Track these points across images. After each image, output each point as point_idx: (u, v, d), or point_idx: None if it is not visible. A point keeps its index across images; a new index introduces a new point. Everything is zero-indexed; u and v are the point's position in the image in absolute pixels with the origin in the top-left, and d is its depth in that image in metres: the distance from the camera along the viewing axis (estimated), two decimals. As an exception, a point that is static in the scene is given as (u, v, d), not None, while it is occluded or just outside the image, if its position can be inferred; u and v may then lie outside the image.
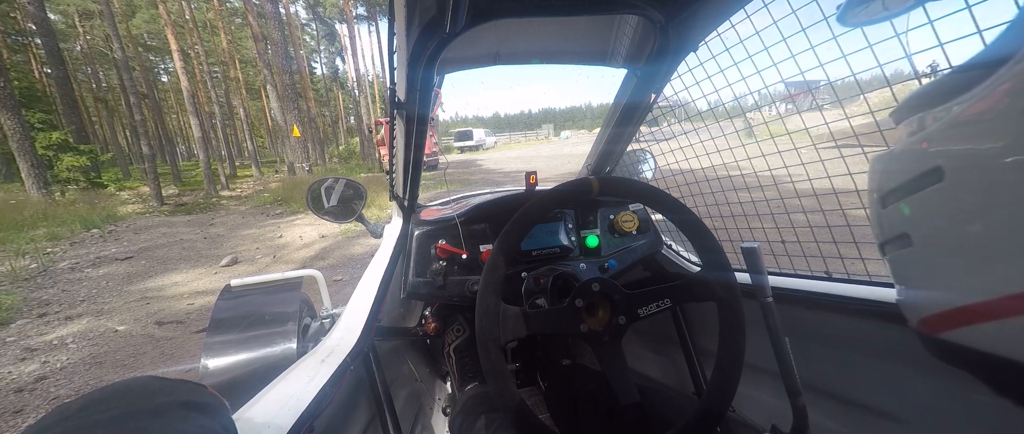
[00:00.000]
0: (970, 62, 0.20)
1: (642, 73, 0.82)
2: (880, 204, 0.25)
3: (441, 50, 0.56)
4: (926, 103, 0.23)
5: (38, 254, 5.00)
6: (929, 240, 0.19)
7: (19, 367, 2.53)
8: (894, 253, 0.21)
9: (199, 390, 0.38)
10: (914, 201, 0.19)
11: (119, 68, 9.96)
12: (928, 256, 0.18)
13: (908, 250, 0.20)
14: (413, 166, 0.89)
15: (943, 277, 0.17)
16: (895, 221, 0.22)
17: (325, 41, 33.44)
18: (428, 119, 0.74)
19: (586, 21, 0.78)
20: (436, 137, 18.69)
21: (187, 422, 0.32)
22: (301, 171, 12.55)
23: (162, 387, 0.35)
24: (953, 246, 0.17)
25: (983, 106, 0.17)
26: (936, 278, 0.18)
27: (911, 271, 0.20)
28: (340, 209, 1.30)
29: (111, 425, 0.29)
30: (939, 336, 0.17)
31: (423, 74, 0.61)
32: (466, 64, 0.83)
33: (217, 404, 0.38)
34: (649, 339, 1.41)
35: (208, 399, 0.37)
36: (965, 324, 0.16)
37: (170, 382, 0.37)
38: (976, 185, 0.16)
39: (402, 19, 0.50)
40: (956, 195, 0.17)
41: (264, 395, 0.57)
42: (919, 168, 0.19)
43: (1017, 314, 0.14)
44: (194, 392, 0.37)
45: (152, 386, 0.35)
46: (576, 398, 0.91)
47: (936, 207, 0.18)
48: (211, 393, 0.39)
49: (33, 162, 8.16)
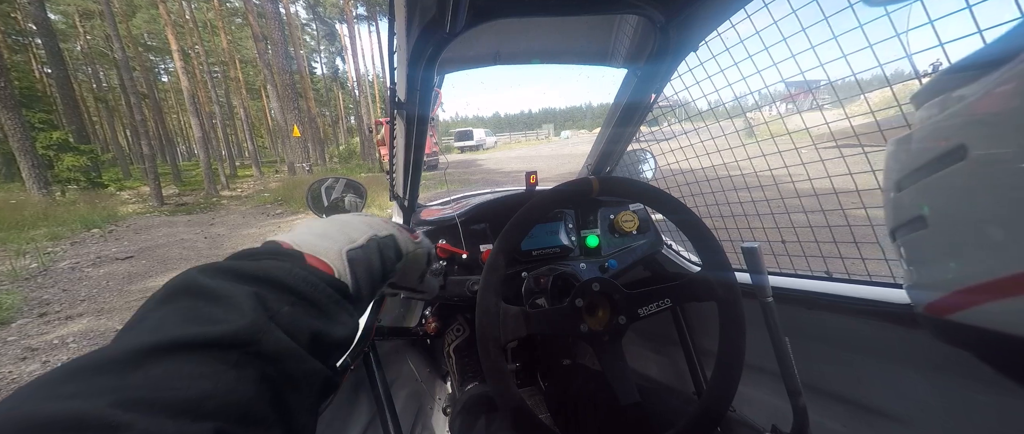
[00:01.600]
0: (992, 45, 0.20)
1: (642, 73, 0.82)
2: (896, 188, 0.25)
3: (441, 50, 0.56)
4: (949, 85, 0.23)
5: (38, 254, 5.01)
6: (946, 220, 0.19)
7: (20, 367, 2.53)
8: (907, 237, 0.21)
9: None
10: (933, 182, 0.19)
11: (119, 68, 9.96)
12: (943, 237, 0.18)
13: (922, 233, 0.20)
14: (413, 166, 0.89)
15: (956, 257, 0.17)
16: (911, 203, 0.22)
17: (325, 41, 33.45)
18: (428, 119, 0.74)
19: (586, 21, 0.78)
20: (436, 137, 18.69)
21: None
22: (301, 171, 12.56)
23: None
24: (970, 225, 0.17)
25: (1008, 88, 0.17)
26: (949, 258, 0.18)
27: (924, 253, 0.20)
28: (340, 209, 1.30)
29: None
30: (945, 318, 0.17)
31: (423, 74, 0.61)
32: (466, 64, 0.83)
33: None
34: (649, 339, 1.41)
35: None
36: (972, 304, 0.16)
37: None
38: (999, 162, 0.16)
39: (402, 19, 0.50)
40: (978, 173, 0.17)
41: None
42: (943, 147, 0.19)
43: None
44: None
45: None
46: (576, 398, 0.91)
47: (958, 185, 0.18)
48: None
49: (34, 162, 8.17)
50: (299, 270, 0.33)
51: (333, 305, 0.34)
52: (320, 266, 0.36)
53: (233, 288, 0.29)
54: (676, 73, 0.84)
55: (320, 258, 0.37)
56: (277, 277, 0.31)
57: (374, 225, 0.47)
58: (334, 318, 0.33)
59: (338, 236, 0.41)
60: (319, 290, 0.33)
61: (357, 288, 0.39)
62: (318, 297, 0.33)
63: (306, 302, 0.32)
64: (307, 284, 0.32)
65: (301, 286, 0.32)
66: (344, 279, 0.37)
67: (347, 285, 0.37)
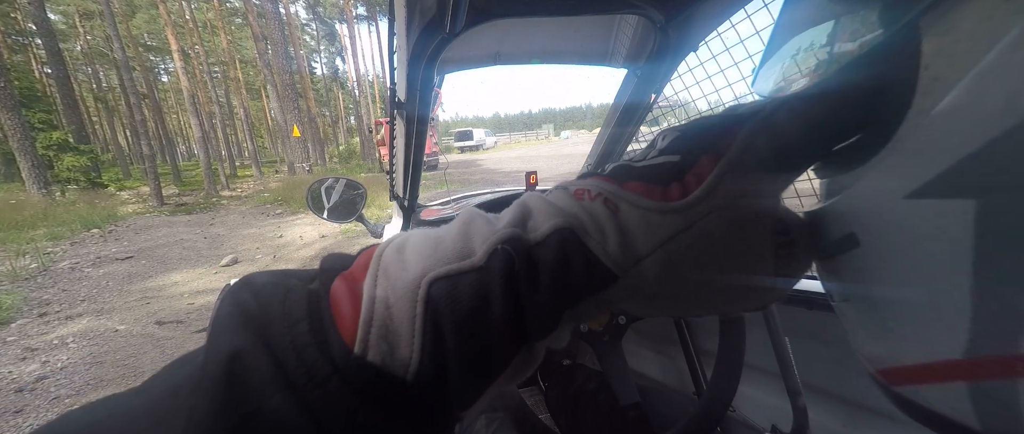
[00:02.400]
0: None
1: (642, 73, 0.82)
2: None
3: (441, 50, 0.56)
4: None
5: (38, 254, 5.01)
6: (862, 305, 0.18)
7: (19, 367, 2.53)
8: (838, 304, 0.20)
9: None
10: (843, 262, 0.18)
11: (119, 68, 9.96)
12: (867, 314, 0.17)
13: (847, 304, 0.19)
14: (413, 166, 0.89)
15: (885, 336, 0.16)
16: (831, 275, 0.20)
17: (325, 41, 33.47)
18: (428, 119, 0.74)
19: (586, 21, 0.78)
20: (436, 137, 18.61)
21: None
22: (301, 171, 12.57)
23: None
24: (879, 310, 0.16)
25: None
26: (880, 335, 0.17)
27: (855, 323, 0.19)
28: (340, 209, 1.30)
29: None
30: (895, 389, 0.16)
31: (423, 74, 0.61)
32: (466, 64, 0.83)
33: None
34: (649, 339, 1.41)
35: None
36: (905, 383, 0.15)
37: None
38: (887, 248, 0.15)
39: (402, 19, 0.50)
40: (872, 261, 0.16)
41: None
42: (835, 233, 0.18)
43: (950, 380, 0.13)
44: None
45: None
46: (576, 398, 0.91)
47: (858, 273, 0.17)
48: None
49: (33, 162, 8.17)
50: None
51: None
52: (343, 321, 0.16)
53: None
54: (676, 73, 0.84)
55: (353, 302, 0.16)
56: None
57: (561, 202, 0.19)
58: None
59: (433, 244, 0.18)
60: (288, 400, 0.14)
61: (436, 368, 0.16)
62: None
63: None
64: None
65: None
66: (393, 350, 0.16)
67: (397, 370, 0.16)
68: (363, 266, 0.18)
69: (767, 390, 0.97)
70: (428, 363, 0.15)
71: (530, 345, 0.18)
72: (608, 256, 0.17)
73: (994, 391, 0.11)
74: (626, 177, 0.19)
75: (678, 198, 0.17)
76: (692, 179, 0.17)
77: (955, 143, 0.12)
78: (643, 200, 0.18)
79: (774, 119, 0.17)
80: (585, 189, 0.19)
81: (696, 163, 0.18)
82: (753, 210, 0.17)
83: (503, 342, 0.17)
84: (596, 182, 0.19)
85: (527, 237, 0.18)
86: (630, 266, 0.17)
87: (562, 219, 0.18)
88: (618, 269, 0.17)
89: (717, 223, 0.17)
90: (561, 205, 0.19)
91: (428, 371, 0.16)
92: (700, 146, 0.18)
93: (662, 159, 0.19)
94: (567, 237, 0.17)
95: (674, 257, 0.17)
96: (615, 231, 0.17)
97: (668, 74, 0.83)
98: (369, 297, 0.16)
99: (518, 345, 0.18)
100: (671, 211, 0.17)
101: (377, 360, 0.15)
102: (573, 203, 0.19)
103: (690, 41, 0.72)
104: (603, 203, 0.18)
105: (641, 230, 0.17)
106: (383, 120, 11.07)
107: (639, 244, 0.17)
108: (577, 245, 0.17)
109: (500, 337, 0.17)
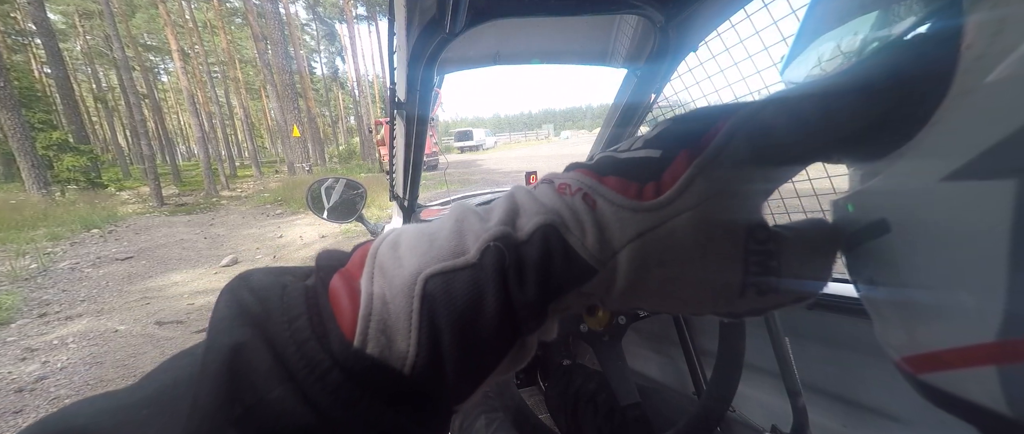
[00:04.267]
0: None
1: (642, 73, 0.82)
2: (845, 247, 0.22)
3: (441, 50, 0.56)
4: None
5: (38, 254, 5.01)
6: (891, 291, 0.17)
7: (19, 367, 2.53)
8: (864, 291, 0.20)
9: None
10: (872, 249, 0.18)
11: (119, 68, 9.96)
12: (895, 300, 0.17)
13: (874, 290, 0.19)
14: (413, 166, 0.89)
15: (913, 323, 0.16)
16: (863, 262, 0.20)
17: (325, 41, 33.47)
18: (428, 119, 0.74)
19: (586, 21, 0.78)
20: (436, 137, 18.46)
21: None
22: (301, 171, 12.57)
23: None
24: (908, 295, 0.16)
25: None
26: (908, 323, 0.16)
27: (879, 311, 0.19)
28: (340, 209, 1.30)
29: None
30: (920, 377, 0.16)
31: (423, 74, 0.61)
32: (466, 64, 0.83)
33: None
34: (649, 339, 1.41)
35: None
36: (935, 369, 0.15)
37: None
38: (919, 235, 0.15)
39: (402, 19, 0.50)
40: (903, 247, 0.16)
41: None
42: (865, 218, 0.18)
43: (983, 364, 0.13)
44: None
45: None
46: (576, 398, 0.91)
47: (888, 260, 0.17)
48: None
49: (33, 162, 8.17)
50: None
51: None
52: (343, 316, 0.16)
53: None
54: (676, 73, 0.84)
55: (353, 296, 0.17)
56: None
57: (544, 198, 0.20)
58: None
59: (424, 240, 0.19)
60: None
61: (433, 361, 0.16)
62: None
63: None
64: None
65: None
66: (391, 344, 0.16)
67: (397, 363, 0.16)
68: (359, 263, 0.18)
69: (767, 390, 0.97)
70: (425, 356, 0.16)
71: (522, 339, 0.19)
72: (587, 251, 0.18)
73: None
74: (607, 170, 0.19)
75: (652, 197, 0.18)
76: (668, 177, 0.18)
77: (996, 123, 0.11)
78: (618, 197, 0.18)
79: (759, 117, 0.17)
80: (567, 184, 0.19)
81: (673, 160, 0.18)
82: (724, 214, 0.17)
83: (496, 336, 0.17)
84: (578, 176, 0.20)
85: (516, 235, 0.18)
86: (607, 260, 0.18)
87: (545, 216, 0.18)
88: (596, 263, 0.18)
89: (682, 225, 0.17)
90: (545, 201, 0.19)
91: (425, 364, 0.16)
92: (680, 142, 0.18)
93: (644, 153, 0.19)
94: (550, 233, 0.18)
95: (640, 254, 0.18)
96: (593, 226, 0.18)
97: (668, 74, 0.83)
98: (367, 293, 0.17)
99: (511, 339, 0.18)
100: (642, 210, 0.18)
101: (376, 353, 0.16)
102: (556, 199, 0.19)
103: (690, 41, 0.72)
104: (582, 199, 0.19)
105: (615, 226, 0.18)
106: (383, 120, 11.07)
107: (614, 239, 0.18)
108: (559, 241, 0.18)
109: (493, 331, 0.17)
